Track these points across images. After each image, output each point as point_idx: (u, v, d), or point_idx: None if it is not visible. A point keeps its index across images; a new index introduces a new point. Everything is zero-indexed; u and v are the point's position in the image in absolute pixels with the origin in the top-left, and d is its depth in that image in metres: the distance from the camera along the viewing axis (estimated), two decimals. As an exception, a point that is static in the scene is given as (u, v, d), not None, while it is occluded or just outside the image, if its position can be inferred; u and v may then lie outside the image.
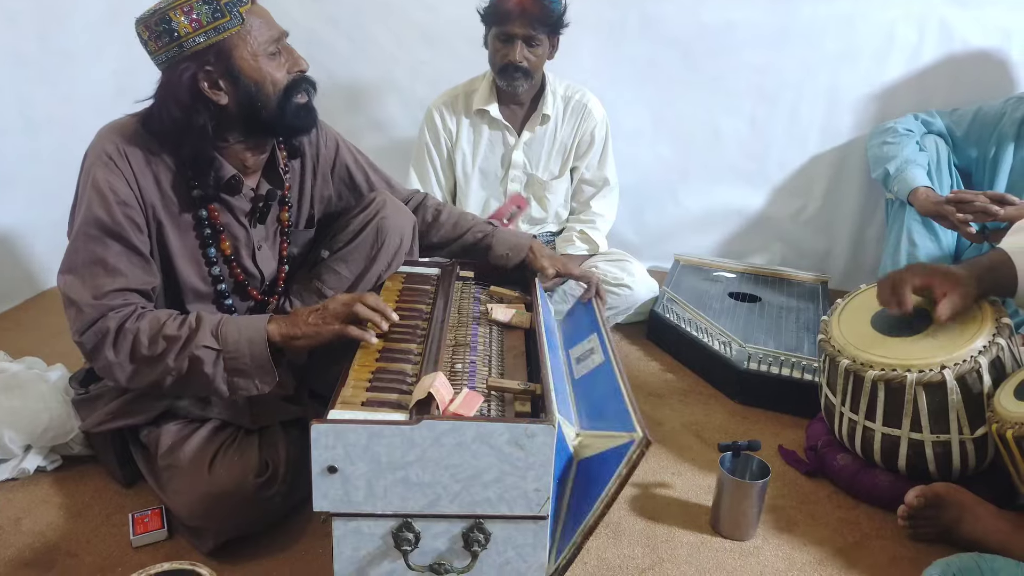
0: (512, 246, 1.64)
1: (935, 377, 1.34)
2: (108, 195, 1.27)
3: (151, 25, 1.25)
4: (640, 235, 2.70)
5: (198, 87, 1.28)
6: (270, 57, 1.31)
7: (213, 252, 1.40)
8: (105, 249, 1.27)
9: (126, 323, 1.25)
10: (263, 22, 1.31)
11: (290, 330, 1.27)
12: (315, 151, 1.56)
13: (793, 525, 1.45)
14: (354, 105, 2.67)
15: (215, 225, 1.39)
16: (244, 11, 1.27)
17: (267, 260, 1.50)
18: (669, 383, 1.98)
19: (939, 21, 2.30)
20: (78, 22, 2.28)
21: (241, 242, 1.44)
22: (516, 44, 1.99)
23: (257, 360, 1.26)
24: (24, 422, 1.44)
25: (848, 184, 2.51)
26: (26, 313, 2.18)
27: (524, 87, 2.09)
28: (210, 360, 1.24)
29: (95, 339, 1.25)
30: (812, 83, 2.45)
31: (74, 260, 1.28)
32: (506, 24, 1.98)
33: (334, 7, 2.53)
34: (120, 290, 1.27)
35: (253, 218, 1.45)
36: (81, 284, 1.26)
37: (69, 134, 2.24)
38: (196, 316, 1.28)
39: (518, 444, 1.02)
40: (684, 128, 2.57)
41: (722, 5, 2.40)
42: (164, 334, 1.24)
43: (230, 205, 1.41)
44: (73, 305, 1.27)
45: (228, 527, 1.28)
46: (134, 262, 1.30)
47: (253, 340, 1.26)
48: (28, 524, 1.35)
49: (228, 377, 1.26)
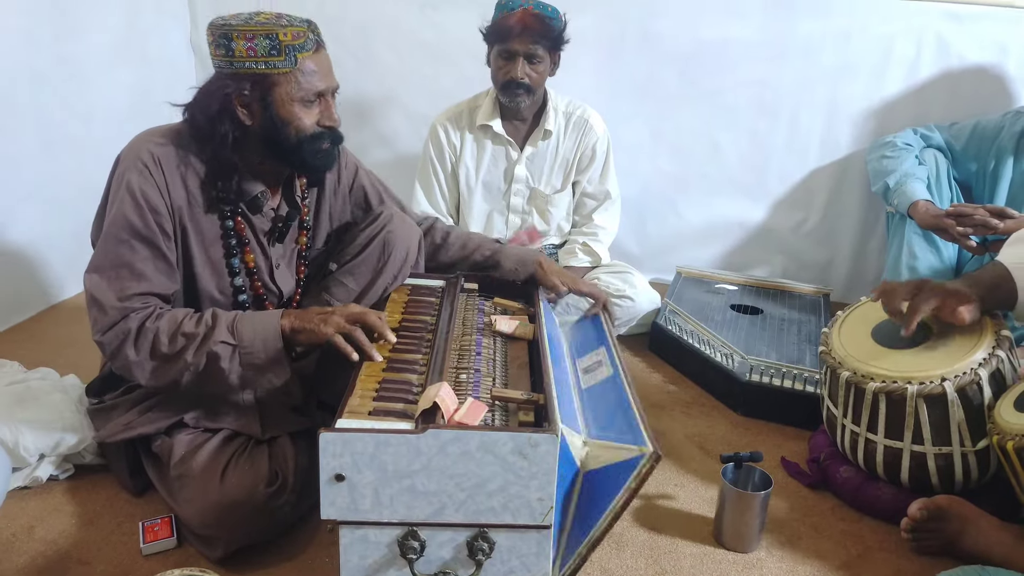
0: (519, 261, 1.69)
1: (936, 389, 1.36)
2: (140, 201, 1.31)
3: (216, 34, 1.32)
4: (642, 247, 2.73)
5: (230, 102, 1.33)
6: (305, 104, 1.36)
7: (237, 263, 1.44)
8: (133, 253, 1.32)
9: (146, 323, 1.30)
10: (316, 72, 1.35)
11: (297, 323, 1.32)
12: (336, 175, 1.61)
13: (796, 537, 1.46)
14: (360, 121, 2.71)
15: (241, 237, 1.43)
16: (301, 56, 1.32)
17: (285, 279, 1.54)
18: (672, 395, 1.99)
19: (936, 36, 2.33)
20: (94, 42, 2.33)
21: (260, 260, 1.48)
22: (518, 61, 2.03)
23: (271, 354, 1.30)
24: (38, 432, 1.46)
25: (848, 197, 2.54)
26: (39, 325, 2.21)
27: (526, 103, 2.12)
28: (227, 355, 1.29)
29: (117, 339, 1.30)
30: (811, 97, 2.48)
31: (102, 261, 1.33)
32: (508, 41, 2.02)
33: (340, 27, 2.57)
34: (143, 294, 1.32)
35: (272, 237, 1.49)
36: (107, 285, 1.31)
37: (85, 152, 2.29)
38: (212, 313, 1.33)
39: (522, 453, 1.04)
40: (684, 142, 2.61)
41: (720, 22, 2.44)
42: (183, 331, 1.29)
43: (251, 222, 1.45)
44: (97, 304, 1.31)
45: (238, 535, 1.30)
46: (160, 268, 1.35)
47: (268, 335, 1.31)
48: (41, 532, 1.37)
49: (243, 372, 1.30)
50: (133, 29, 2.46)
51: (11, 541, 1.34)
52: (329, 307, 1.39)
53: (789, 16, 2.39)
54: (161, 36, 2.58)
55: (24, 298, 2.24)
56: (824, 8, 2.37)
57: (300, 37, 1.32)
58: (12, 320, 2.19)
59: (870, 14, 2.34)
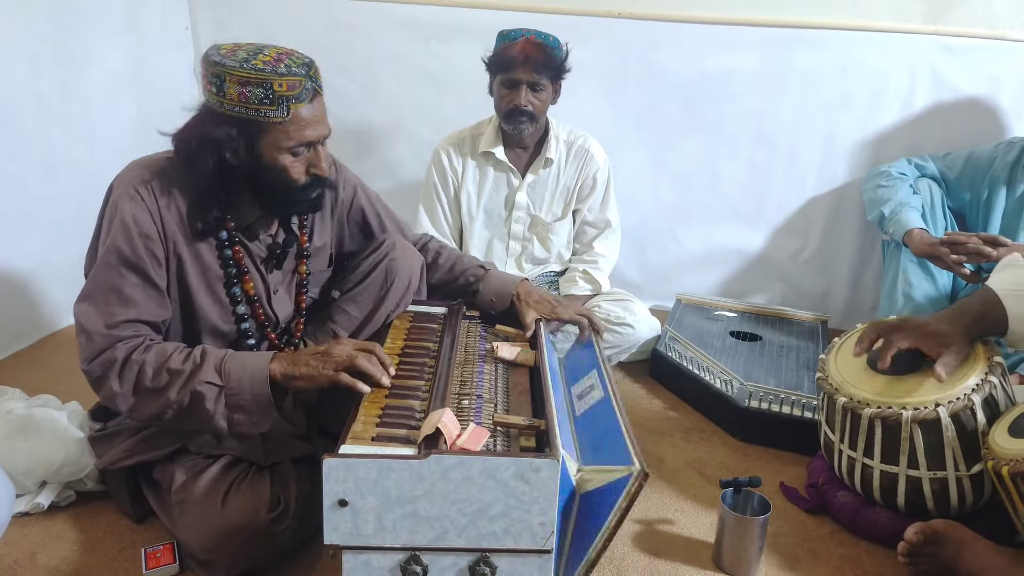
0: (497, 292, 1.67)
1: (930, 415, 1.38)
2: (131, 227, 1.29)
3: (208, 70, 1.28)
4: (642, 275, 2.75)
5: (217, 142, 1.29)
6: (292, 154, 1.32)
7: (238, 292, 1.43)
8: (122, 280, 1.30)
9: (133, 354, 1.28)
10: (308, 122, 1.31)
11: (290, 370, 1.29)
12: (335, 196, 1.60)
13: (795, 562, 1.47)
14: (364, 148, 2.75)
15: (240, 265, 1.42)
16: (295, 107, 1.28)
17: (283, 305, 1.53)
18: (671, 420, 2.00)
19: (930, 69, 2.38)
20: (99, 68, 2.36)
21: (260, 286, 1.47)
22: (521, 89, 2.07)
23: (258, 398, 1.28)
24: (40, 459, 1.47)
25: (845, 225, 2.57)
26: (41, 352, 2.23)
27: (529, 130, 2.16)
28: (212, 396, 1.27)
29: (102, 368, 1.28)
30: (809, 128, 2.52)
31: (91, 288, 1.32)
32: (511, 71, 2.06)
33: (346, 58, 2.62)
34: (131, 321, 1.30)
35: (270, 264, 1.48)
36: (95, 312, 1.29)
37: (88, 178, 2.31)
38: (201, 351, 1.30)
39: (523, 478, 1.05)
40: (684, 171, 2.64)
41: (721, 54, 2.48)
42: (168, 367, 1.27)
43: (248, 249, 1.44)
44: (84, 332, 1.29)
45: (240, 561, 1.30)
46: (149, 295, 1.32)
47: (255, 378, 1.28)
48: (43, 559, 1.37)
49: (229, 413, 1.28)
50: (137, 58, 2.49)
51: (13, 568, 1.34)
52: (320, 346, 1.35)
53: (788, 49, 2.44)
54: (165, 65, 2.62)
55: (26, 325, 2.25)
56: (822, 42, 2.42)
57: (296, 88, 1.27)
58: (14, 347, 2.20)
59: (867, 47, 2.39)
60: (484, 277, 1.70)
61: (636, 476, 1.14)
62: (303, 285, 1.55)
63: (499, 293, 1.68)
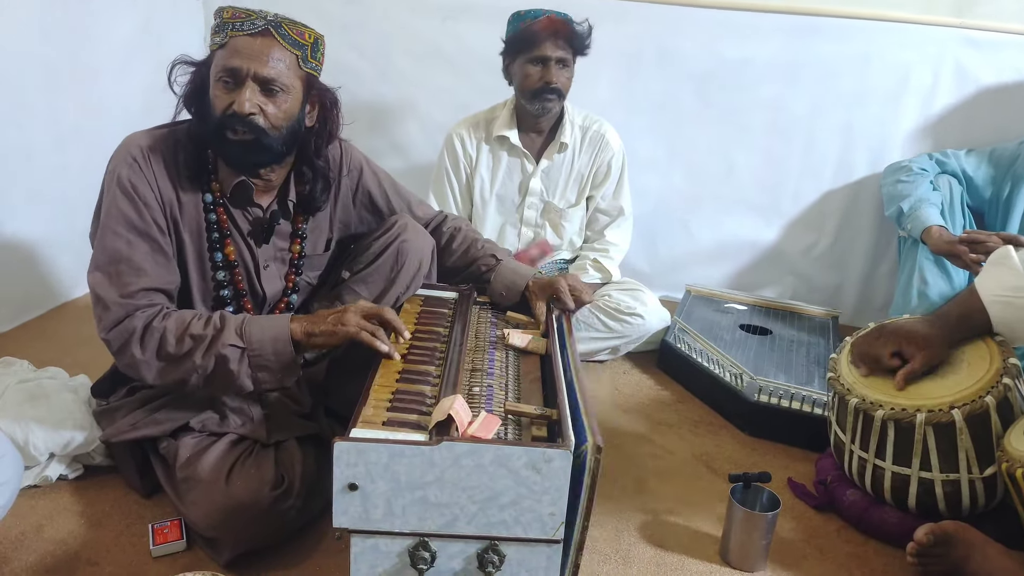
0: (508, 286, 1.60)
1: (944, 417, 1.36)
2: (133, 196, 1.33)
3: None
4: (652, 264, 2.73)
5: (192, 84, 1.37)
6: (221, 85, 1.33)
7: (220, 257, 1.44)
8: (131, 248, 1.33)
9: (152, 322, 1.31)
10: (240, 52, 1.30)
11: (310, 328, 1.33)
12: (337, 179, 1.58)
13: (802, 558, 1.46)
14: (375, 127, 2.73)
15: (223, 229, 1.43)
16: (234, 35, 1.31)
17: (272, 281, 1.52)
18: (679, 412, 1.99)
19: (954, 62, 2.34)
20: (108, 39, 2.34)
21: (246, 257, 1.47)
22: (551, 65, 2.04)
23: (280, 357, 1.32)
24: (48, 431, 1.46)
25: (861, 220, 2.54)
26: (49, 323, 2.22)
27: (556, 109, 2.13)
28: (235, 358, 1.30)
29: (122, 337, 1.30)
30: (827, 120, 2.48)
31: (101, 258, 1.34)
32: (538, 47, 2.03)
33: (362, 34, 2.59)
34: (146, 289, 1.33)
35: (258, 236, 1.48)
36: (108, 282, 1.31)
37: (96, 149, 2.26)
38: (220, 315, 1.33)
39: (535, 468, 1.04)
40: (698, 160, 2.61)
41: (740, 42, 2.45)
42: (190, 333, 1.30)
43: (233, 217, 1.44)
44: (100, 302, 1.32)
45: (244, 539, 1.30)
46: (159, 261, 1.35)
47: (277, 338, 1.31)
48: (50, 531, 1.37)
49: (252, 373, 1.31)
50: (147, 28, 2.47)
51: (20, 540, 1.34)
52: (339, 307, 1.38)
53: (809, 38, 2.41)
54: (176, 36, 2.59)
55: (33, 296, 2.25)
56: (844, 31, 2.38)
57: (240, 16, 1.31)
58: (21, 318, 2.20)
59: (889, 39, 2.36)
60: (497, 267, 1.64)
61: (592, 451, 1.08)
62: (296, 265, 1.54)
63: (510, 288, 1.60)
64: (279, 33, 1.33)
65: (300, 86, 1.38)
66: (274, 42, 1.32)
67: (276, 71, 1.33)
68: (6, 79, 2.02)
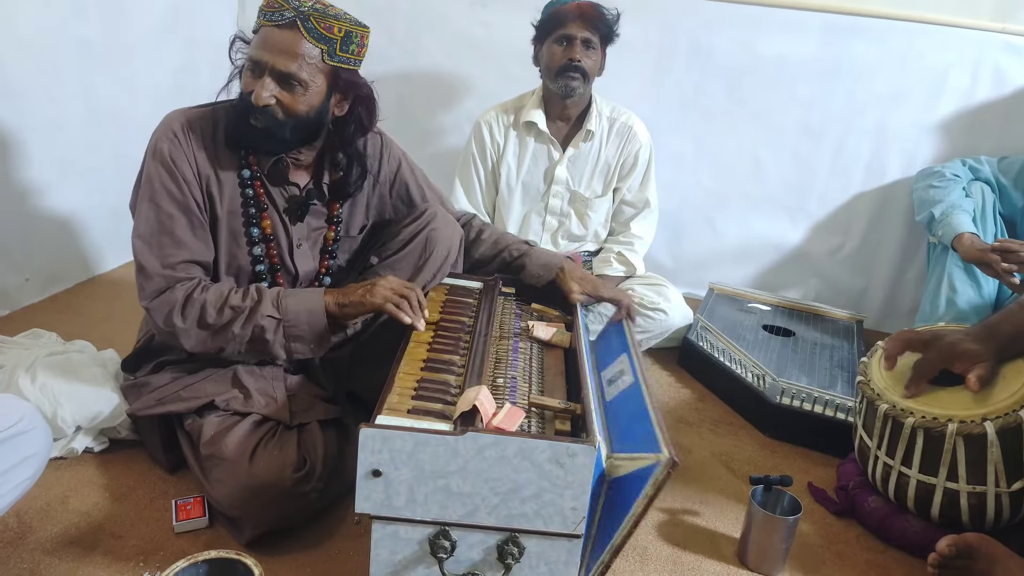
0: (543, 265, 1.68)
1: (977, 429, 1.34)
2: (173, 169, 1.38)
3: None
4: (675, 261, 2.71)
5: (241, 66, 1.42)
6: (248, 71, 1.38)
7: (257, 233, 1.48)
8: (173, 222, 1.38)
9: (193, 293, 1.37)
10: (266, 44, 1.34)
11: (341, 299, 1.40)
12: (376, 168, 1.62)
13: (821, 564, 1.45)
14: (402, 113, 2.72)
15: (260, 203, 1.46)
16: (263, 24, 1.35)
17: (305, 260, 1.55)
18: (700, 411, 1.98)
19: (994, 67, 2.30)
20: (143, 17, 2.35)
21: (280, 233, 1.50)
22: (575, 44, 2.06)
23: (314, 328, 1.39)
24: (77, 404, 1.48)
25: (890, 224, 2.51)
26: (77, 297, 2.25)
27: (580, 91, 2.12)
28: (272, 328, 1.37)
29: (164, 307, 1.37)
30: (859, 121, 2.45)
31: (144, 228, 1.39)
32: (564, 26, 2.05)
33: (392, 18, 2.59)
34: (186, 262, 1.39)
35: (293, 215, 1.51)
36: (150, 252, 1.38)
37: (128, 125, 2.31)
38: (256, 288, 1.40)
39: (558, 462, 1.04)
40: (726, 157, 2.59)
41: (775, 39, 2.42)
42: (230, 304, 1.37)
43: (271, 194, 1.48)
44: (142, 271, 1.38)
45: (265, 519, 1.31)
46: (198, 235, 1.41)
47: (312, 310, 1.39)
48: (75, 503, 1.39)
49: (287, 343, 1.39)
50: (181, 7, 2.48)
51: (45, 510, 1.36)
52: (368, 281, 1.44)
53: (847, 37, 2.37)
54: (209, 15, 2.60)
55: (63, 269, 2.27)
56: (882, 32, 2.34)
57: (274, 7, 1.34)
58: (50, 290, 2.22)
59: (928, 41, 2.32)
60: (529, 252, 1.71)
61: (665, 464, 1.11)
62: (329, 250, 1.58)
63: (546, 265, 1.68)
64: (305, 27, 1.34)
65: (323, 79, 1.40)
66: (299, 36, 1.34)
67: (295, 67, 1.35)
68: (40, 55, 2.04)
